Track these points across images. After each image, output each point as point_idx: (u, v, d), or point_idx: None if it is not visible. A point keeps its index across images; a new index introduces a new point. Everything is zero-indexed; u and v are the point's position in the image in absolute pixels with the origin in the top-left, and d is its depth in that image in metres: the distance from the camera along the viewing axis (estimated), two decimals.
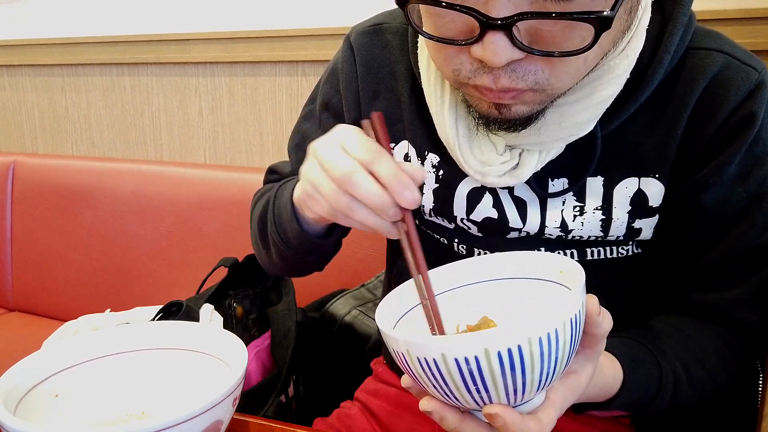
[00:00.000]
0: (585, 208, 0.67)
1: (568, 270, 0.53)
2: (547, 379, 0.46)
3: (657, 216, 0.67)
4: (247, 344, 0.72)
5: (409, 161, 0.74)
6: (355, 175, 0.54)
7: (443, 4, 0.50)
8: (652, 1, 0.64)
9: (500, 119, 0.59)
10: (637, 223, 0.68)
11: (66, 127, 1.95)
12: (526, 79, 0.53)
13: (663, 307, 0.73)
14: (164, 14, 1.69)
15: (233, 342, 0.62)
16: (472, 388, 0.45)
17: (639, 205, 0.67)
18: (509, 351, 0.43)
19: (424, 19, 0.56)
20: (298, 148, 0.83)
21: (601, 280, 0.71)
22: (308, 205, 0.60)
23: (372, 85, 0.76)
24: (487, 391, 0.45)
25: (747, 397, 0.78)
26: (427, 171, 0.72)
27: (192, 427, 0.52)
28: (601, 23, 0.48)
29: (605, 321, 0.51)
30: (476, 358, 0.43)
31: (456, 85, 0.60)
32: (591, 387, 0.56)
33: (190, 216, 1.53)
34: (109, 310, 1.21)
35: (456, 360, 0.44)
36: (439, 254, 0.76)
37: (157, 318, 1.00)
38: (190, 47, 1.66)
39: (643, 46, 0.62)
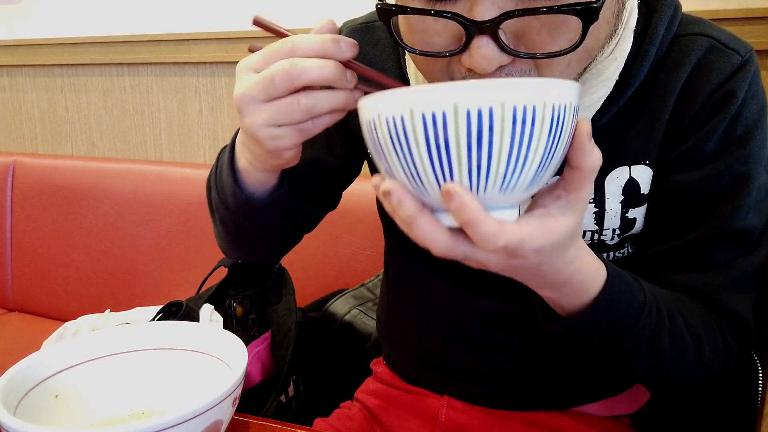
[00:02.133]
0: None
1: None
2: (514, 170, 0.42)
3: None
4: (247, 344, 0.72)
5: None
6: (296, 66, 0.53)
7: (431, 12, 0.49)
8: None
9: None
10: (631, 213, 0.67)
11: (66, 127, 1.95)
12: None
13: None
14: (164, 14, 1.69)
15: (233, 342, 0.62)
16: (435, 156, 0.42)
17: (631, 193, 0.66)
18: (479, 112, 0.40)
19: (409, 35, 0.55)
20: None
21: None
22: (278, 146, 0.58)
23: None
24: (449, 161, 0.42)
25: (747, 397, 0.78)
26: None
27: (192, 427, 0.52)
28: (587, 15, 0.48)
29: (595, 152, 0.46)
30: (444, 115, 0.40)
31: None
32: (570, 263, 0.50)
33: (190, 216, 1.53)
34: (109, 310, 1.22)
35: (423, 116, 0.41)
36: (429, 256, 0.75)
37: (157, 318, 1.00)
38: (190, 47, 1.66)
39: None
